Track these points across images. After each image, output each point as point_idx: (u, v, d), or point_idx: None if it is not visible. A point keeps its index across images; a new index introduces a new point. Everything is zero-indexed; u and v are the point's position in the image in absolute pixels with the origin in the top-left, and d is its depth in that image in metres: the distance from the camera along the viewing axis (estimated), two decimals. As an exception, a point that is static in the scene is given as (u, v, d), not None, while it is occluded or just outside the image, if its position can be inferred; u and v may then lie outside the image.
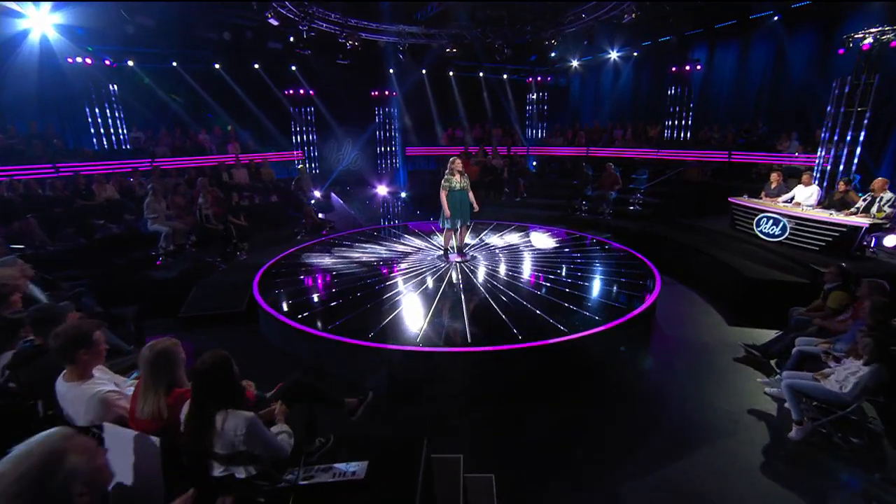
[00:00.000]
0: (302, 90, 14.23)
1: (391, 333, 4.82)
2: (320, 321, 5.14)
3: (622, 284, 6.24)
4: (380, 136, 16.24)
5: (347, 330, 4.90)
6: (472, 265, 7.10)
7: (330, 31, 11.09)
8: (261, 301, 5.72)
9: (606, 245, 8.30)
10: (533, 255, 7.66)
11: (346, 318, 5.22)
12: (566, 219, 10.37)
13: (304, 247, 8.29)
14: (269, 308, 5.50)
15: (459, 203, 6.97)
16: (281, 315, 5.30)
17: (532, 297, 5.73)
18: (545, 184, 13.21)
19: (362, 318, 5.21)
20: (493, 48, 12.33)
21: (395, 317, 5.22)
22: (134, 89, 11.34)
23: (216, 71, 12.64)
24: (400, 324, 5.06)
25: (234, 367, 2.30)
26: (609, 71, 15.62)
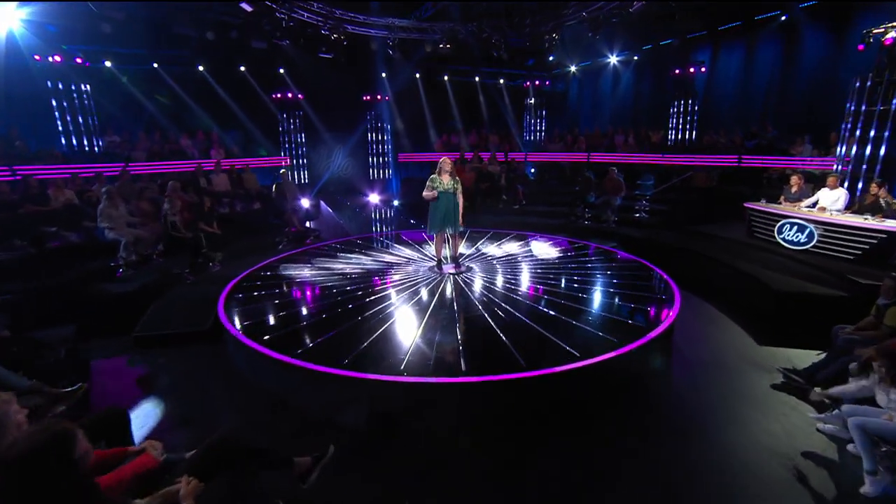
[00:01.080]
0: (290, 93, 13.62)
1: (371, 359, 4.08)
2: (289, 343, 4.39)
3: (634, 298, 5.54)
4: (371, 141, 15.64)
5: (320, 354, 4.16)
6: (468, 277, 6.39)
7: (312, 22, 10.35)
8: (224, 319, 4.97)
9: (613, 254, 7.62)
10: (534, 266, 6.96)
11: (320, 339, 4.48)
12: (568, 227, 9.72)
13: (283, 257, 7.58)
14: (231, 328, 4.76)
15: (447, 208, 6.25)
16: (244, 336, 4.55)
17: (534, 314, 5.01)
18: (545, 191, 12.60)
19: (339, 340, 4.48)
20: (489, 44, 11.72)
21: (377, 339, 4.49)
22: (110, 91, 10.67)
23: (199, 73, 12.00)
24: (382, 347, 4.33)
25: (76, 450, 1.44)
26: (608, 75, 15.12)
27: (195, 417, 3.99)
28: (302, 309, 5.37)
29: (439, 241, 6.58)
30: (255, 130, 12.76)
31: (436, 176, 6.32)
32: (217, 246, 7.48)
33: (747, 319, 5.66)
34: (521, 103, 16.23)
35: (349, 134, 14.95)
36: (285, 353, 4.18)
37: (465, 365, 3.96)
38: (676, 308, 5.15)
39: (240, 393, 4.36)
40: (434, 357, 4.10)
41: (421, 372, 3.84)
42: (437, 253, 6.69)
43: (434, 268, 6.70)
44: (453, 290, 5.86)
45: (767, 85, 11.02)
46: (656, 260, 7.05)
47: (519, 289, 5.91)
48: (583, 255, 7.64)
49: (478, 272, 6.63)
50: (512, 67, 15.60)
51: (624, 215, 9.93)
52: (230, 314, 5.18)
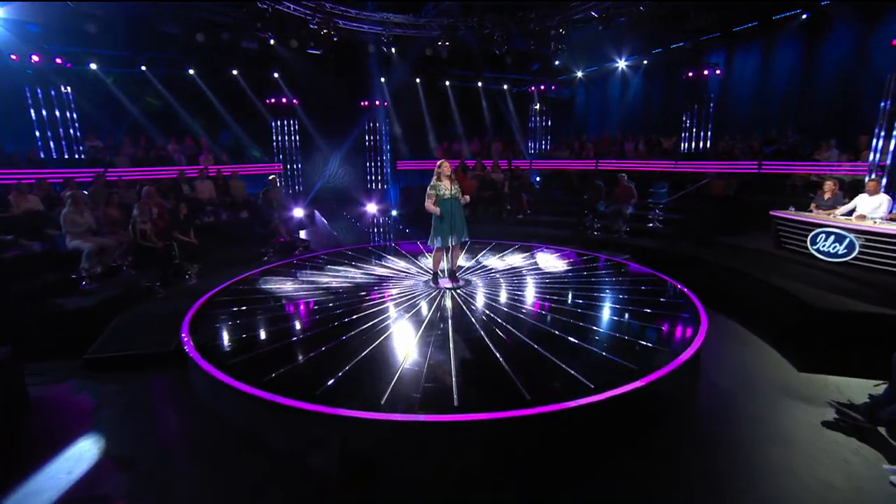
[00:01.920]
0: (284, 98, 13.23)
1: (348, 390, 3.51)
2: (259, 369, 3.82)
3: (652, 317, 4.95)
4: (369, 149, 15.19)
5: (293, 383, 3.60)
6: (466, 292, 5.82)
7: (298, 15, 9.87)
8: (186, 341, 4.42)
9: (625, 267, 7.06)
10: (539, 280, 6.40)
11: (293, 365, 3.91)
12: (576, 238, 9.19)
13: (266, 269, 7.06)
14: (192, 350, 4.20)
15: (451, 215, 5.74)
16: (204, 361, 3.99)
17: (540, 335, 4.43)
18: (551, 200, 12.07)
19: (315, 366, 3.92)
20: (490, 41, 11.24)
21: (357, 365, 3.92)
22: (93, 93, 10.29)
23: (189, 76, 11.64)
24: (362, 376, 3.76)
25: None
26: (617, 81, 14.70)
27: (141, 458, 3.42)
28: (277, 328, 4.81)
29: (438, 253, 6.03)
30: (244, 136, 12.33)
31: (436, 182, 5.79)
32: (196, 257, 6.97)
33: (782, 341, 5.04)
34: (526, 109, 15.79)
35: (346, 141, 14.52)
36: (251, 381, 3.61)
37: (457, 399, 3.38)
38: (703, 329, 4.56)
39: (201, 428, 3.79)
40: (422, 388, 3.52)
41: (405, 407, 3.26)
42: (435, 266, 6.15)
43: (430, 282, 6.16)
44: (449, 307, 5.30)
45: (787, 87, 10.50)
46: (674, 273, 6.47)
47: (523, 306, 5.33)
48: (593, 267, 7.09)
49: (477, 287, 6.07)
50: (516, 72, 15.22)
51: (636, 225, 9.38)
52: (195, 334, 4.63)
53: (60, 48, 9.64)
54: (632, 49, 13.57)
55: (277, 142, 13.55)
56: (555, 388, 3.51)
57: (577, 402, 3.29)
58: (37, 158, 9.01)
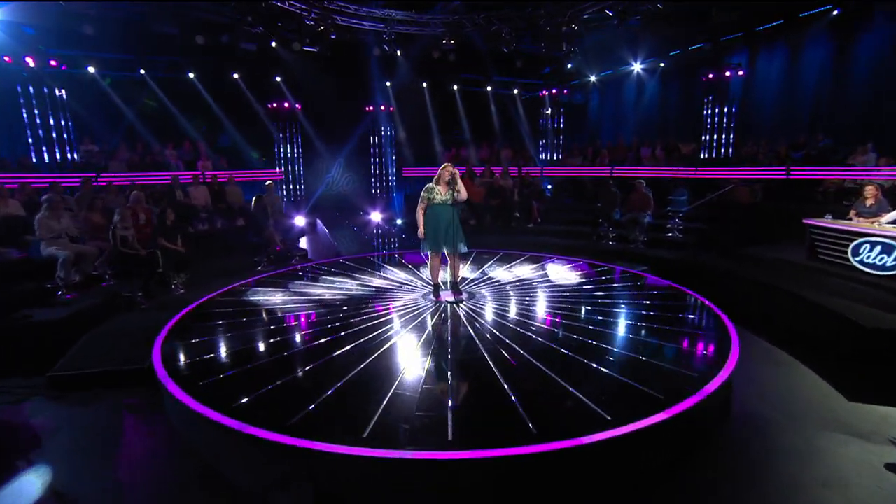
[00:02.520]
0: (286, 103, 13.06)
1: (328, 420, 3.11)
2: (234, 391, 3.45)
3: (675, 335, 4.50)
4: (374, 155, 14.98)
5: (268, 408, 3.22)
6: (470, 306, 5.42)
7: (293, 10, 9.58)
8: (156, 358, 4.07)
9: (643, 279, 6.63)
10: (549, 293, 5.98)
11: (270, 388, 3.52)
12: (590, 248, 8.78)
13: (257, 280, 6.74)
14: (161, 370, 3.85)
15: (443, 222, 5.37)
16: (172, 382, 3.63)
17: (550, 356, 3.99)
18: (563, 208, 11.69)
19: (294, 389, 3.53)
20: (498, 38, 10.89)
21: (340, 390, 3.52)
22: (89, 97, 10.17)
23: (189, 80, 11.50)
24: (346, 402, 3.36)
25: None
26: (632, 85, 14.30)
27: (90, 496, 3.04)
28: (258, 345, 4.43)
29: (435, 263, 5.66)
30: (241, 141, 12.13)
31: (432, 185, 5.44)
32: (184, 266, 6.67)
33: (826, 365, 4.53)
34: (537, 115, 15.47)
35: (350, 147, 14.30)
36: (219, 406, 3.23)
37: (452, 432, 2.95)
38: (734, 350, 4.09)
39: (163, 458, 3.41)
40: (412, 418, 3.10)
41: (391, 441, 2.84)
42: (433, 276, 5.76)
43: (430, 295, 5.76)
44: (449, 322, 4.90)
45: (816, 88, 10.00)
46: (697, 286, 6.00)
47: (531, 322, 4.90)
48: (607, 280, 6.66)
49: (482, 300, 5.67)
50: (527, 76, 14.94)
51: (654, 235, 8.93)
52: (168, 351, 4.27)
53: (57, 51, 9.56)
54: (648, 51, 13.18)
55: (279, 147, 13.38)
56: (565, 419, 3.07)
57: (591, 437, 2.85)
58: (28, 162, 8.85)
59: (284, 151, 13.38)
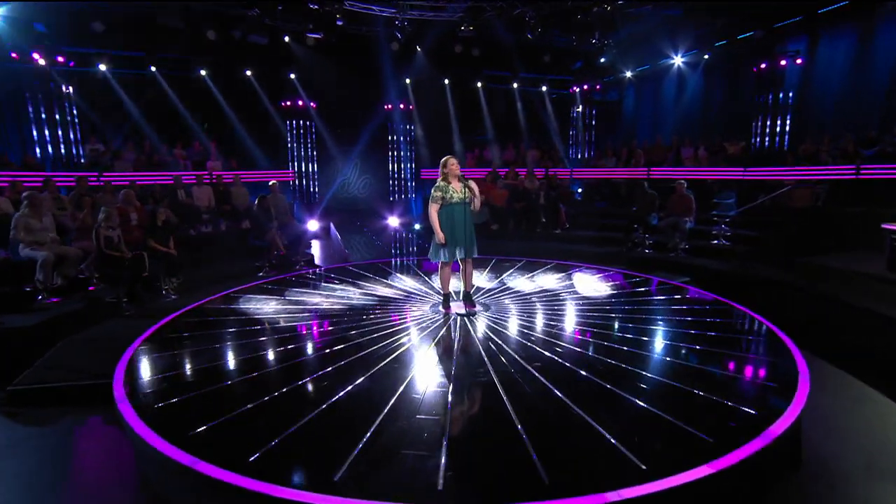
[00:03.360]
0: (301, 101, 12.94)
1: (297, 459, 2.67)
2: (191, 417, 3.06)
3: (723, 359, 3.89)
4: (392, 157, 14.71)
5: (227, 439, 2.81)
6: (484, 320, 4.94)
7: None
8: (117, 375, 3.73)
9: (684, 292, 6.04)
10: (576, 308, 5.45)
11: (236, 412, 3.11)
12: (624, 256, 8.21)
13: (254, 286, 6.46)
14: (119, 389, 3.50)
15: (459, 223, 4.95)
16: (127, 404, 3.26)
17: (574, 384, 3.46)
18: (594, 213, 11.11)
19: (265, 416, 3.11)
20: (521, 23, 10.36)
21: (318, 418, 3.07)
22: (98, 96, 10.22)
23: (200, 78, 11.48)
24: (324, 434, 2.91)
25: None
26: (672, 80, 13.58)
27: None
28: (235, 361, 4.06)
29: (446, 270, 5.21)
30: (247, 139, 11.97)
31: (443, 183, 5.01)
32: (176, 269, 6.43)
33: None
34: (567, 113, 14.91)
35: (366, 147, 14.07)
36: (174, 435, 2.84)
37: (443, 479, 2.46)
38: (804, 380, 3.45)
39: (107, 494, 3.03)
40: (398, 458, 2.62)
41: (364, 488, 2.37)
42: (444, 286, 5.31)
43: (438, 306, 5.33)
44: (457, 339, 4.42)
45: (891, 77, 9.09)
46: (748, 301, 5.35)
47: (553, 340, 4.36)
48: (643, 292, 6.09)
49: (498, 314, 5.18)
50: (556, 72, 14.42)
51: (696, 242, 8.24)
52: (136, 365, 3.94)
53: (67, 48, 9.63)
54: (689, 43, 12.46)
55: (292, 147, 13.26)
56: (588, 467, 2.54)
57: (620, 493, 2.31)
58: (33, 161, 8.88)
59: (297, 152, 13.24)
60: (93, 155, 9.80)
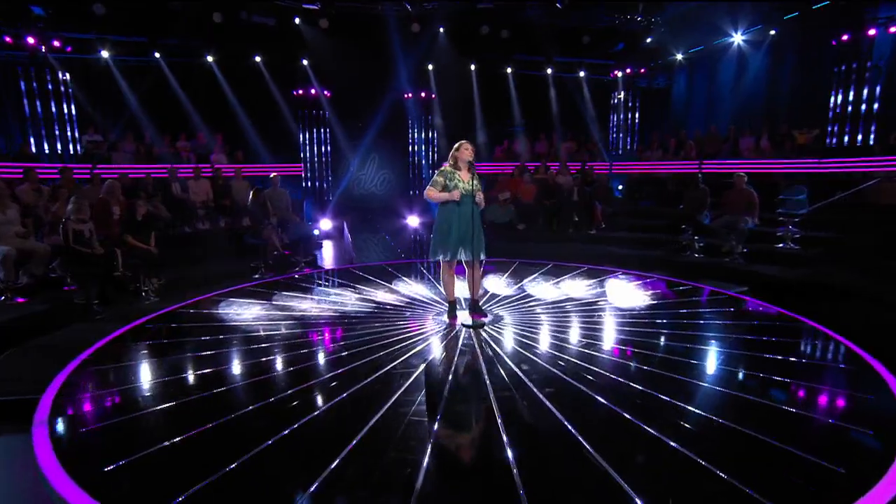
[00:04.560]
0: (314, 90, 12.73)
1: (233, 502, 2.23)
2: (119, 445, 2.68)
3: (792, 394, 3.24)
4: (413, 151, 14.33)
5: (147, 478, 2.41)
6: (494, 334, 4.44)
7: None
8: (49, 392, 3.39)
9: (742, 304, 5.41)
10: (610, 321, 4.88)
11: (174, 440, 2.69)
12: (669, 261, 7.52)
13: (242, 288, 6.17)
14: (42, 410, 3.14)
15: (465, 219, 4.52)
16: (42, 429, 2.90)
17: (602, 420, 2.90)
18: (636, 211, 10.43)
19: (200, 450, 2.68)
20: None
21: (268, 452, 2.62)
22: (96, 83, 10.25)
23: (207, 65, 11.40)
24: (274, 473, 2.46)
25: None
26: (731, 61, 12.64)
27: None
28: (190, 376, 3.67)
29: (448, 273, 4.76)
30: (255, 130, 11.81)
31: (449, 169, 4.60)
32: (157, 269, 6.16)
33: None
34: (607, 101, 14.20)
35: (384, 140, 13.74)
36: (86, 469, 2.46)
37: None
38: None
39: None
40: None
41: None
42: (448, 291, 4.85)
43: (443, 316, 4.89)
44: (457, 357, 3.91)
45: None
46: (824, 317, 4.63)
47: (575, 362, 3.78)
48: (692, 303, 5.48)
49: (512, 327, 4.67)
50: (596, 56, 13.70)
51: (757, 245, 7.46)
52: (78, 379, 3.61)
53: (66, 34, 9.68)
54: (752, 18, 11.55)
55: (304, 138, 13.06)
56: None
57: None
58: (28, 152, 8.91)
59: (309, 144, 13.04)
60: (90, 146, 9.79)
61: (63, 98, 9.51)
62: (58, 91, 9.36)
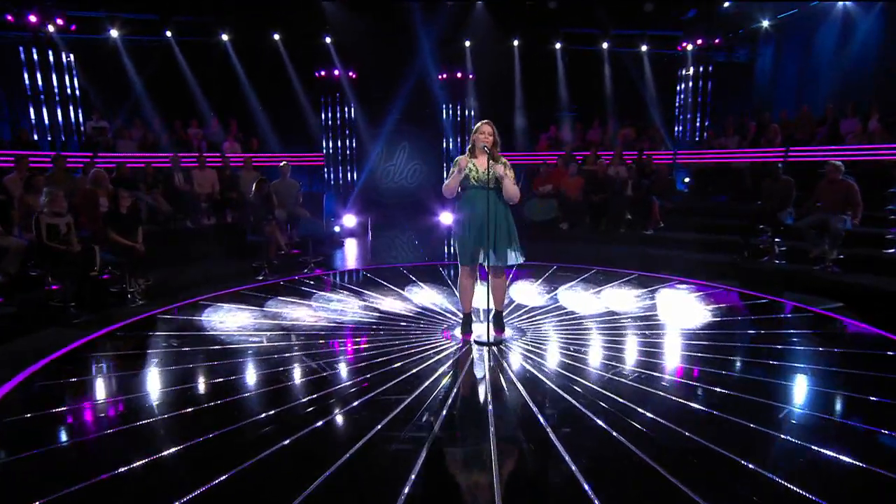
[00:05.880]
0: (337, 70, 12.65)
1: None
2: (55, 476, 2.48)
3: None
4: (447, 139, 14.04)
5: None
6: (516, 355, 4.09)
7: None
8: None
9: (839, 326, 4.86)
10: (665, 342, 4.48)
11: (87, 483, 2.46)
12: (741, 268, 6.91)
13: (231, 292, 6.06)
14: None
15: (481, 214, 4.12)
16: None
17: (635, 477, 2.46)
18: (703, 208, 9.80)
19: (134, 487, 2.44)
20: None
21: (210, 496, 2.34)
22: (103, 65, 10.50)
23: (222, 44, 11.51)
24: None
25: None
26: (831, 28, 11.73)
27: None
28: (148, 397, 3.47)
29: (466, 280, 4.43)
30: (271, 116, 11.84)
31: (466, 158, 4.26)
32: (144, 268, 6.12)
33: None
34: (673, 80, 13.47)
35: (415, 127, 13.54)
36: None
37: None
38: None
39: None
40: None
41: None
42: (463, 302, 4.54)
43: (456, 331, 4.60)
44: (459, 382, 3.59)
45: None
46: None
47: (607, 395, 3.32)
48: (769, 323, 4.99)
49: (539, 344, 4.32)
50: (661, 26, 13.03)
51: (857, 250, 6.72)
52: (21, 396, 3.48)
53: (71, 12, 9.95)
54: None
55: (328, 123, 13.03)
56: None
57: None
58: (28, 138, 9.20)
59: (331, 131, 12.97)
60: (95, 133, 10.03)
61: (66, 81, 9.73)
62: (60, 72, 9.59)
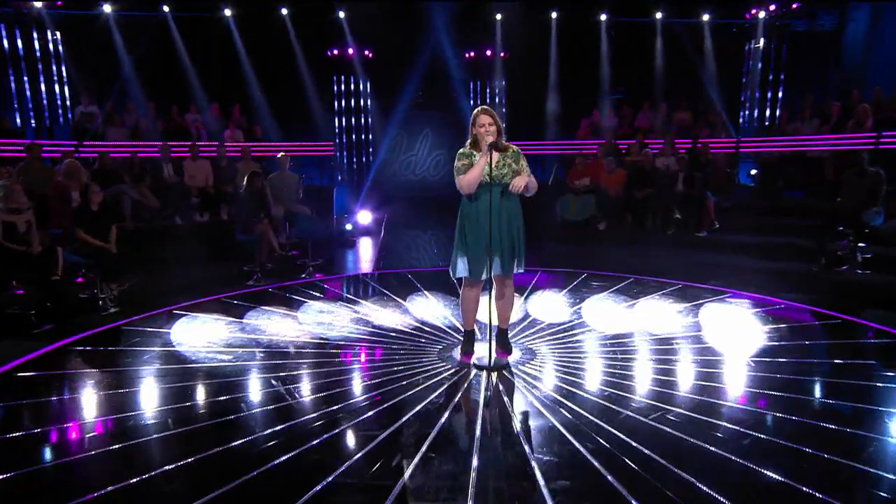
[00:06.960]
0: (351, 49, 12.61)
1: None
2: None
3: None
4: (472, 125, 13.88)
5: None
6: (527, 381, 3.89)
7: None
8: None
9: None
10: (719, 370, 4.18)
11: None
12: (815, 279, 6.59)
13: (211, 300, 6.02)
14: None
15: (479, 216, 3.92)
16: None
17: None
18: (769, 207, 9.34)
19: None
20: None
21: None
22: (93, 45, 10.66)
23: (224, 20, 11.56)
24: None
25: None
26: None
27: None
28: (92, 423, 3.35)
29: (471, 293, 4.19)
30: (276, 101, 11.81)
31: (467, 150, 4.04)
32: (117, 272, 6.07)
33: None
34: (738, 55, 13.03)
35: (438, 112, 13.46)
36: None
37: None
38: None
39: None
40: None
41: None
42: (465, 318, 4.32)
43: (454, 351, 4.40)
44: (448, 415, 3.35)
45: None
46: None
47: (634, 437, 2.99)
48: (849, 348, 4.72)
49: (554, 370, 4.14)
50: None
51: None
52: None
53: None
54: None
55: (341, 106, 13.13)
56: None
57: None
58: (9, 125, 9.37)
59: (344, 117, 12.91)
60: (83, 119, 10.15)
61: (53, 62, 9.89)
62: (46, 53, 9.74)
